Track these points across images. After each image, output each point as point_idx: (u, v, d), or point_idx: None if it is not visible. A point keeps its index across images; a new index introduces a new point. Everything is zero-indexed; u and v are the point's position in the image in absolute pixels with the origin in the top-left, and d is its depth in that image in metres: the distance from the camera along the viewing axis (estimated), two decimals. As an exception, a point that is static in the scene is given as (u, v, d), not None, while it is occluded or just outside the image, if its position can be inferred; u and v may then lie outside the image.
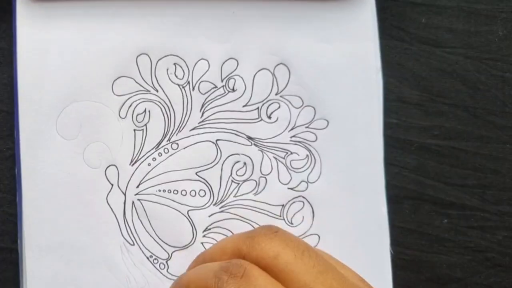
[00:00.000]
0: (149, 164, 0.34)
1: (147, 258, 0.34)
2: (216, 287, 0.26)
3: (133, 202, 0.34)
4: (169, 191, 0.35)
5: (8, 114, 0.34)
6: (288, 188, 0.36)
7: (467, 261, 0.38)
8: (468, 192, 0.38)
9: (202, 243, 0.35)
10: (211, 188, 0.35)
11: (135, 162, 0.34)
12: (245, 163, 0.35)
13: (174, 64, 0.35)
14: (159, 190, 0.35)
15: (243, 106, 0.35)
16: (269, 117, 0.36)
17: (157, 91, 0.35)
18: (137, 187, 0.34)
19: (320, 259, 0.28)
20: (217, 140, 0.35)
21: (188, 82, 0.35)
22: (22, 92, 0.33)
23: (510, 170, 0.38)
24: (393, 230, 0.37)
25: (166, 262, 0.34)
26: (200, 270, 0.28)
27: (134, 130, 0.34)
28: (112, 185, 0.34)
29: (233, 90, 0.35)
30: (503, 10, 0.38)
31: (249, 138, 0.35)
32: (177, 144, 0.35)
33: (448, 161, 0.38)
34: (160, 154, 0.35)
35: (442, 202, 0.38)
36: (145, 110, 0.34)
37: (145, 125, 0.34)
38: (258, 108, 0.35)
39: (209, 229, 0.35)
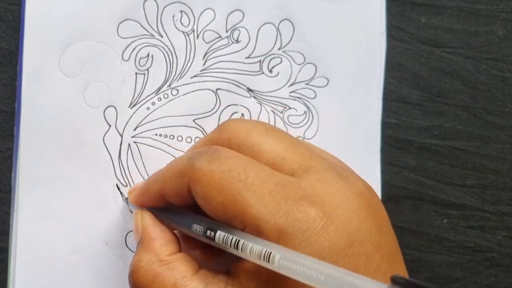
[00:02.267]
0: (148, 108, 0.35)
1: None
2: (189, 165, 0.26)
3: (129, 144, 0.34)
4: (165, 136, 0.35)
5: (8, 114, 0.34)
6: None
7: (467, 261, 0.38)
8: (468, 192, 0.38)
9: None
10: None
11: (134, 105, 0.35)
12: (243, 114, 0.36)
13: (181, 11, 0.35)
14: (156, 134, 0.35)
15: (246, 58, 0.36)
16: (270, 71, 0.36)
17: (161, 36, 0.35)
18: (134, 129, 0.35)
19: (289, 135, 0.28)
20: (217, 89, 0.35)
21: (193, 30, 0.35)
22: (28, 27, 0.33)
23: (509, 170, 0.38)
24: (393, 230, 0.37)
25: None
26: (174, 160, 0.29)
27: (136, 73, 0.35)
28: (110, 126, 0.34)
29: (237, 41, 0.36)
30: (503, 10, 0.38)
31: (249, 90, 0.36)
32: (177, 90, 0.35)
33: (448, 161, 0.38)
34: (159, 99, 0.35)
35: (442, 202, 0.38)
36: (148, 55, 0.35)
37: (147, 69, 0.35)
38: (260, 61, 0.36)
39: None
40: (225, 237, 0.25)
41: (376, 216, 0.26)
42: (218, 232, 0.25)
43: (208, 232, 0.26)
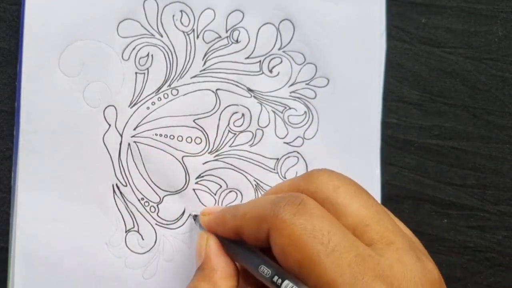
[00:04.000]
0: (148, 108, 0.35)
1: (139, 200, 0.34)
2: (273, 213, 0.25)
3: (129, 144, 0.34)
4: (166, 136, 0.35)
5: (8, 114, 0.34)
6: (284, 143, 0.36)
7: (467, 261, 0.38)
8: (468, 192, 0.38)
9: (194, 189, 0.35)
10: (208, 136, 0.35)
11: (134, 105, 0.35)
12: (243, 114, 0.36)
13: (181, 11, 0.35)
14: (156, 134, 0.35)
15: (246, 58, 0.36)
16: (271, 71, 0.36)
17: (161, 36, 0.35)
18: (134, 129, 0.35)
19: (377, 202, 0.27)
20: (217, 89, 0.35)
21: (193, 30, 0.35)
22: (27, 27, 0.33)
23: (509, 170, 0.38)
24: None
25: (157, 205, 0.35)
26: (257, 201, 0.28)
27: (136, 73, 0.35)
28: (110, 125, 0.34)
29: (237, 41, 0.36)
30: (503, 10, 0.38)
31: (249, 90, 0.36)
32: (177, 90, 0.35)
33: (448, 161, 0.38)
34: (159, 99, 0.35)
35: (442, 202, 0.38)
36: (148, 54, 0.35)
37: (147, 69, 0.35)
38: (260, 61, 0.36)
39: (202, 176, 0.35)
40: None
41: None
42: (286, 282, 0.25)
43: (275, 278, 0.25)
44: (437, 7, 0.38)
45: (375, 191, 0.36)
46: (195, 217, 0.34)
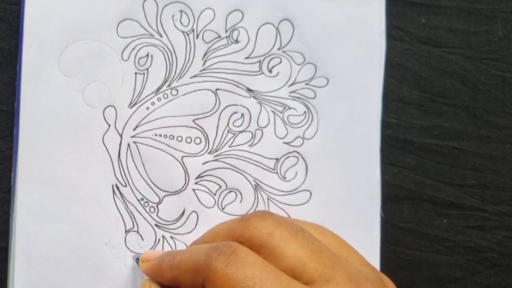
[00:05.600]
0: (147, 108, 0.35)
1: (138, 200, 0.35)
2: (205, 264, 0.26)
3: (128, 144, 0.35)
4: (165, 136, 0.35)
5: (8, 114, 0.34)
6: (284, 143, 0.36)
7: (467, 261, 0.38)
8: (467, 192, 0.38)
9: (193, 189, 0.35)
10: (207, 137, 0.35)
11: (134, 105, 0.35)
12: (242, 114, 0.36)
13: (180, 11, 0.35)
14: (155, 134, 0.35)
15: (245, 58, 0.36)
16: (270, 71, 0.36)
17: (161, 36, 0.35)
18: (134, 129, 0.35)
19: (314, 239, 0.28)
20: (216, 89, 0.35)
21: (193, 30, 0.35)
22: (27, 27, 0.33)
23: (509, 170, 0.38)
24: (393, 230, 0.37)
25: (157, 206, 0.35)
26: (191, 251, 0.28)
27: (135, 73, 0.35)
28: (109, 125, 0.34)
29: (236, 41, 0.36)
30: (503, 10, 0.38)
31: (249, 90, 0.36)
32: (176, 90, 0.35)
33: (448, 161, 0.38)
34: (159, 99, 0.35)
35: (442, 202, 0.38)
36: (147, 54, 0.35)
37: (147, 69, 0.35)
38: (259, 61, 0.36)
39: (202, 176, 0.35)
40: None
41: None
42: None
43: None
44: (437, 7, 0.38)
45: (375, 191, 0.36)
46: (137, 260, 0.33)
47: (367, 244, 0.36)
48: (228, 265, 0.25)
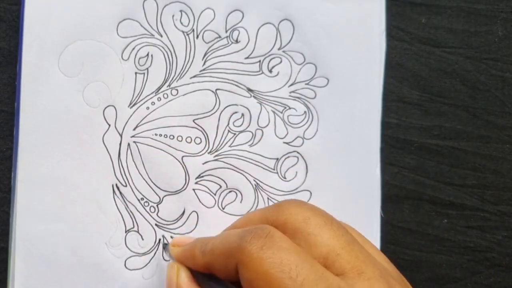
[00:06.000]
0: (147, 108, 0.35)
1: (138, 200, 0.35)
2: (239, 247, 0.25)
3: (128, 144, 0.35)
4: (165, 136, 0.35)
5: (8, 114, 0.34)
6: (284, 142, 0.36)
7: (467, 261, 0.38)
8: (467, 192, 0.38)
9: (194, 189, 0.35)
10: (207, 136, 0.35)
11: (134, 105, 0.35)
12: (243, 114, 0.36)
13: (180, 11, 0.35)
14: (156, 134, 0.35)
15: (245, 58, 0.36)
16: (270, 71, 0.36)
17: (161, 36, 0.35)
18: (134, 129, 0.35)
19: (346, 232, 0.27)
20: (216, 89, 0.35)
21: (193, 30, 0.35)
22: (27, 27, 0.33)
23: (509, 170, 0.38)
24: (393, 230, 0.37)
25: (157, 205, 0.35)
26: (225, 235, 0.28)
27: (136, 73, 0.35)
28: (109, 125, 0.34)
29: (237, 41, 0.36)
30: (503, 10, 0.38)
31: (249, 90, 0.36)
32: (177, 90, 0.35)
33: (448, 161, 0.38)
34: (159, 99, 0.35)
35: (442, 202, 0.38)
36: (148, 54, 0.35)
37: (147, 69, 0.35)
38: (260, 61, 0.36)
39: (202, 176, 0.35)
40: None
41: None
42: None
43: None
44: (437, 7, 0.38)
45: (375, 191, 0.36)
46: (165, 245, 0.33)
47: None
48: (263, 248, 0.25)
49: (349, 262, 0.26)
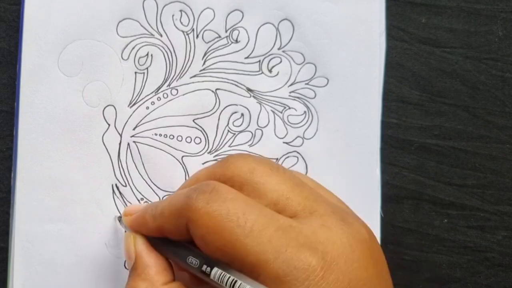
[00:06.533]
0: (147, 108, 0.35)
1: (138, 200, 0.35)
2: (186, 206, 0.25)
3: (128, 144, 0.35)
4: (165, 136, 0.35)
5: (8, 114, 0.34)
6: (284, 142, 0.36)
7: (467, 261, 0.38)
8: (467, 192, 0.38)
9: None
10: (207, 136, 0.35)
11: (134, 105, 0.35)
12: (242, 114, 0.36)
13: (180, 10, 0.35)
14: (155, 134, 0.35)
15: (245, 58, 0.36)
16: (270, 71, 0.36)
17: (161, 35, 0.35)
18: (134, 129, 0.35)
19: (294, 175, 0.28)
20: (216, 89, 0.35)
21: (193, 30, 0.35)
22: (27, 27, 0.33)
23: (509, 170, 0.38)
24: (393, 230, 0.37)
25: None
26: (172, 196, 0.28)
27: (135, 72, 0.35)
28: (109, 125, 0.34)
29: (236, 41, 0.36)
30: (503, 10, 0.38)
31: (249, 90, 0.36)
32: (176, 90, 0.35)
33: (448, 161, 0.38)
34: (159, 99, 0.35)
35: (442, 202, 0.38)
36: (147, 54, 0.35)
37: (147, 68, 0.35)
38: (259, 61, 0.36)
39: None
40: (222, 275, 0.24)
41: (377, 263, 0.26)
42: (215, 269, 0.25)
43: (204, 267, 0.25)
44: (437, 7, 0.38)
45: (375, 191, 0.36)
46: (120, 218, 0.33)
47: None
48: (210, 202, 0.25)
49: (300, 203, 0.26)
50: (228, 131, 0.36)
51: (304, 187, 0.27)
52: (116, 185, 0.34)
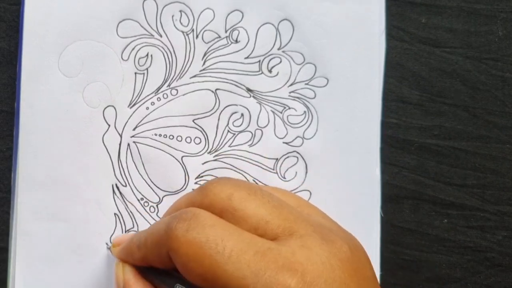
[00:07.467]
0: (147, 108, 0.35)
1: (138, 200, 0.35)
2: (167, 235, 0.25)
3: (128, 144, 0.35)
4: (165, 136, 0.35)
5: (8, 114, 0.34)
6: (283, 142, 0.36)
7: (467, 261, 0.38)
8: (468, 192, 0.38)
9: (193, 189, 0.35)
10: (207, 136, 0.35)
11: (134, 105, 0.35)
12: (242, 114, 0.36)
13: (180, 11, 0.35)
14: (155, 134, 0.35)
15: (245, 58, 0.36)
16: (270, 71, 0.36)
17: (161, 36, 0.35)
18: (134, 129, 0.35)
19: (273, 197, 0.28)
20: (216, 89, 0.35)
21: (192, 30, 0.35)
22: (27, 27, 0.33)
23: (509, 170, 0.38)
24: (393, 230, 0.37)
25: (157, 206, 0.35)
26: (154, 226, 0.28)
27: (135, 73, 0.35)
28: (109, 125, 0.34)
29: (236, 41, 0.36)
30: (503, 10, 0.38)
31: (249, 90, 0.36)
32: (176, 90, 0.35)
33: (448, 161, 0.38)
34: (159, 99, 0.35)
35: (442, 202, 0.38)
36: (147, 54, 0.35)
37: (147, 69, 0.35)
38: (259, 61, 0.36)
39: (202, 176, 0.35)
40: None
41: (361, 280, 0.26)
42: None
43: None
44: (437, 7, 0.38)
45: (375, 191, 0.36)
46: (110, 248, 0.33)
47: (367, 244, 0.35)
48: (189, 230, 0.25)
49: (279, 226, 0.26)
50: (228, 131, 0.36)
51: (284, 208, 0.27)
52: (116, 185, 0.34)
